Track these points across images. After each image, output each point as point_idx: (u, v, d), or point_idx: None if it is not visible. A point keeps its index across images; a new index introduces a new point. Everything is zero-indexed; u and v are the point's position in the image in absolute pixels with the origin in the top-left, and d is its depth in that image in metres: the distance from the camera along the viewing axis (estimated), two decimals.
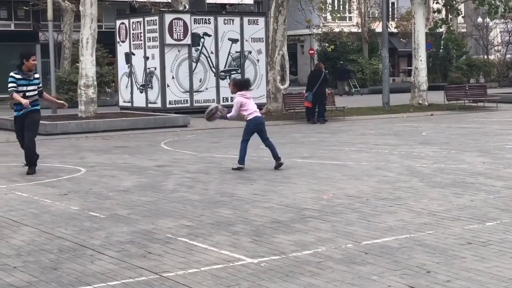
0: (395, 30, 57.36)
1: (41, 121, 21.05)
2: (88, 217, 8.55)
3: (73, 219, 8.45)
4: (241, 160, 12.56)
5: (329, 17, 47.39)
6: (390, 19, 56.26)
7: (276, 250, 6.86)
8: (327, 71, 30.38)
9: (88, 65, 23.22)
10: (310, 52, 55.99)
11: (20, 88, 12.34)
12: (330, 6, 52.13)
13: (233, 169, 12.51)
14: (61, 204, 9.43)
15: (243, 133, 12.85)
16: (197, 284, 5.82)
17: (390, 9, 57.61)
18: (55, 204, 9.44)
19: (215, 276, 6.03)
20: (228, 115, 12.80)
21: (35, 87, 12.53)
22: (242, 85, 13.06)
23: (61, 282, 5.93)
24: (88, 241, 7.35)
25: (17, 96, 12.32)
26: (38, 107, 12.68)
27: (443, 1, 35.28)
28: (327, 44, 49.66)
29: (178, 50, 27.72)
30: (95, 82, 23.60)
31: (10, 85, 12.37)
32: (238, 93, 12.79)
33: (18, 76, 12.44)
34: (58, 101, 14.04)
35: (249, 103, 12.76)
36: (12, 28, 50.08)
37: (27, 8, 45.23)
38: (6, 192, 10.51)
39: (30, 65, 12.43)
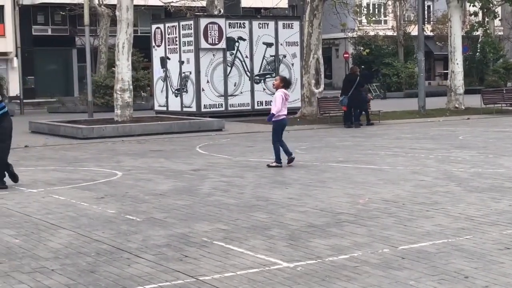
0: (431, 34, 56.95)
1: (78, 125, 21.55)
2: (125, 221, 8.61)
3: (110, 223, 8.51)
4: (282, 154, 13.26)
5: (364, 20, 47.23)
6: (426, 22, 55.84)
7: (312, 254, 6.84)
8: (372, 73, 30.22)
9: (124, 70, 23.40)
10: (345, 55, 55.80)
11: None
12: (365, 9, 51.99)
13: (268, 166, 13.16)
14: (98, 208, 9.51)
15: (273, 135, 13.60)
16: None
17: (426, 12, 57.18)
18: (92, 208, 9.52)
19: (251, 280, 6.03)
20: (274, 110, 13.54)
21: None
22: (288, 83, 14.09)
23: (98, 285, 5.98)
24: (125, 244, 7.40)
25: None
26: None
27: (480, 4, 34.91)
28: (362, 48, 49.49)
29: (213, 54, 27.82)
30: (131, 87, 23.76)
31: None
32: (282, 89, 13.52)
33: None
34: None
35: (286, 103, 13.56)
36: (49, 33, 50.66)
37: (63, 13, 45.72)
38: (44, 195, 10.63)
39: None
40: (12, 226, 8.39)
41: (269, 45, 28.99)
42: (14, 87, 42.76)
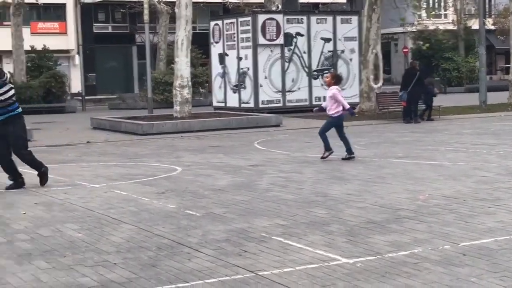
0: (492, 27, 55.91)
1: (138, 122, 21.82)
2: (185, 216, 8.71)
3: (170, 217, 8.62)
4: (328, 147, 13.65)
5: (424, 14, 46.62)
6: (487, 16, 54.89)
7: (371, 250, 6.82)
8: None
9: (183, 66, 23.61)
10: (404, 50, 55.24)
11: None
12: (425, 3, 51.30)
13: (343, 159, 13.52)
14: (158, 203, 9.64)
15: (326, 126, 13.83)
16: (292, 283, 5.84)
17: (487, 5, 56.20)
18: (152, 203, 9.65)
19: (310, 276, 6.04)
20: (345, 104, 13.70)
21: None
22: (339, 79, 14.14)
23: (160, 279, 6.07)
24: (185, 239, 7.48)
25: None
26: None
27: None
28: (421, 42, 48.86)
29: (271, 50, 27.86)
30: (190, 83, 23.96)
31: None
32: (335, 86, 13.62)
33: None
34: None
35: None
36: (110, 30, 51.43)
37: (124, 11, 46.35)
38: (106, 190, 10.82)
39: None
40: (76, 221, 8.57)
41: (327, 40, 28.90)
42: (76, 84, 43.57)
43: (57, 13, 49.20)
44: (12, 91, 11.00)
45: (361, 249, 6.86)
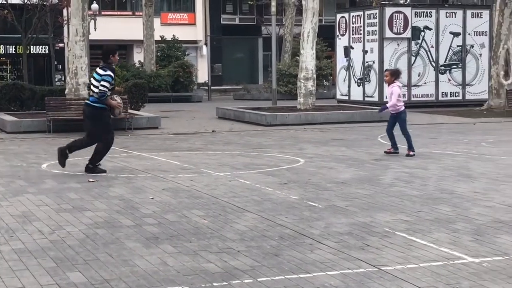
0: None
1: (262, 112, 22.03)
2: (307, 207, 8.74)
3: (293, 208, 8.68)
4: (411, 147, 13.51)
5: None
6: None
7: (498, 250, 6.63)
8: None
9: (308, 58, 23.64)
10: None
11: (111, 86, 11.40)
12: None
13: (407, 155, 13.34)
14: (281, 193, 9.72)
15: (403, 124, 13.64)
16: (416, 280, 5.77)
17: None
18: (275, 193, 9.74)
19: (434, 273, 5.94)
20: (389, 104, 13.56)
21: None
22: (398, 74, 13.93)
23: (282, 268, 6.13)
24: (308, 230, 7.52)
25: (112, 103, 11.37)
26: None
27: None
28: None
29: (397, 44, 27.47)
30: (314, 75, 23.98)
31: (106, 85, 11.18)
32: (396, 83, 13.51)
33: (112, 74, 11.32)
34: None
35: (401, 96, 13.66)
36: (237, 22, 52.14)
37: (251, 3, 46.86)
38: (231, 179, 11.00)
39: (116, 60, 11.56)
40: (201, 207, 8.77)
41: (456, 34, 28.20)
42: (202, 74, 44.48)
43: (186, 4, 50.34)
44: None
45: (488, 249, 6.68)
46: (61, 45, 43.53)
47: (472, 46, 28.44)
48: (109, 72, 11.19)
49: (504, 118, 23.08)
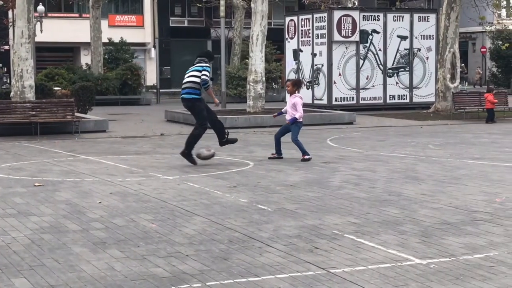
0: None
1: None
2: (257, 210, 8.72)
3: (242, 211, 8.65)
4: (304, 151, 13.53)
5: (503, 13, 45.58)
6: None
7: (445, 252, 6.70)
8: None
9: (257, 61, 23.67)
10: (482, 50, 54.11)
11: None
12: (504, 1, 50.12)
13: (303, 160, 13.36)
14: (230, 196, 9.68)
15: (295, 132, 13.70)
16: (364, 282, 5.79)
17: None
18: (225, 196, 9.70)
19: (382, 275, 5.97)
20: (298, 115, 13.59)
21: None
22: (300, 84, 14.16)
23: (231, 272, 6.09)
24: (257, 233, 7.50)
25: (212, 94, 13.56)
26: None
27: None
28: (500, 42, 47.77)
29: (346, 47, 27.68)
30: (264, 78, 24.01)
31: (207, 74, 13.15)
32: (298, 94, 13.72)
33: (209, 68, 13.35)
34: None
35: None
36: (186, 24, 51.95)
37: (200, 5, 46.72)
38: (179, 182, 10.93)
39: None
40: (149, 211, 8.68)
41: (403, 38, 28.55)
42: (151, 77, 44.19)
43: (134, 6, 49.98)
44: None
45: (435, 250, 6.75)
46: (6, 47, 42.81)
47: (419, 50, 28.82)
48: (208, 65, 13.19)
49: (450, 120, 23.42)
